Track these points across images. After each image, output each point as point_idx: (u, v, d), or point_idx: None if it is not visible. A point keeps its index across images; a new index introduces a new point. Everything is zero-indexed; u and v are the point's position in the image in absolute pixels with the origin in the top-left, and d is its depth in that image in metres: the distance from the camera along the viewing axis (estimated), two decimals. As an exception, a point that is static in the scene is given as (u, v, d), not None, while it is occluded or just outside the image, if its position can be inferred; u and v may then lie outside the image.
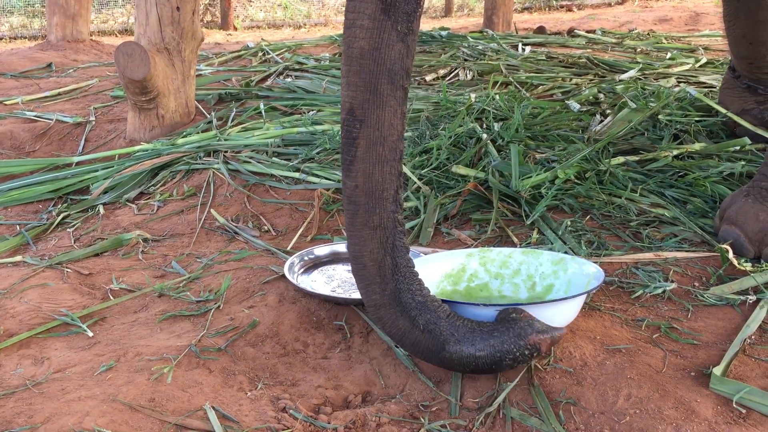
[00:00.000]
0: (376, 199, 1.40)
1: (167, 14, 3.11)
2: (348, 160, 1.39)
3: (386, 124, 1.37)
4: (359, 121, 1.36)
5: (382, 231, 1.41)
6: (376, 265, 1.42)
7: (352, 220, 1.42)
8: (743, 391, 1.38)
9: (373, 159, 1.38)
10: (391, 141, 1.38)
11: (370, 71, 1.34)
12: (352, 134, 1.37)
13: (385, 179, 1.40)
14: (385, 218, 1.41)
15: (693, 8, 7.68)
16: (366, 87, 1.35)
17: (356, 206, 1.41)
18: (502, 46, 4.64)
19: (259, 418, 1.39)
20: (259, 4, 9.12)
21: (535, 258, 1.74)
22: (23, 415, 1.38)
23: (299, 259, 1.99)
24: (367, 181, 1.39)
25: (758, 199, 1.95)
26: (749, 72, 2.74)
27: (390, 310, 1.42)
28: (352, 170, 1.39)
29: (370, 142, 1.37)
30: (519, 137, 2.59)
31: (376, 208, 1.40)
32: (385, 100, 1.36)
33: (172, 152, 2.86)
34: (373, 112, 1.36)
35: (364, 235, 1.41)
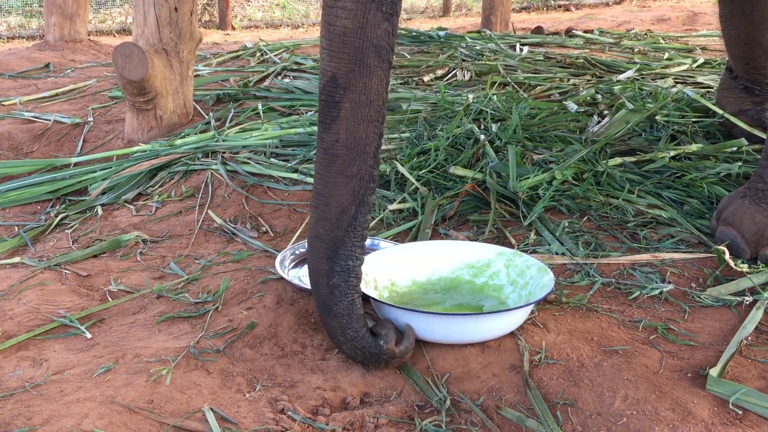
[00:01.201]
0: (357, 152, 1.44)
1: (165, 15, 3.11)
2: (329, 120, 1.44)
3: (373, 90, 1.43)
4: (342, 87, 1.41)
5: (357, 180, 1.46)
6: (339, 209, 1.46)
7: (327, 169, 1.46)
8: (740, 393, 1.39)
9: (357, 118, 1.43)
10: (377, 105, 1.45)
11: (356, 47, 1.39)
12: (334, 98, 1.42)
13: (369, 136, 1.45)
14: (363, 170, 1.46)
15: (690, 8, 7.69)
16: (350, 59, 1.40)
17: (334, 157, 1.45)
18: (500, 47, 4.64)
19: (257, 419, 1.40)
20: (257, 4, 9.11)
21: (541, 275, 1.70)
22: (22, 416, 1.38)
23: (291, 253, 2.00)
24: (350, 137, 1.43)
25: (755, 201, 1.95)
26: (746, 73, 2.74)
27: (323, 248, 1.48)
28: (333, 128, 1.44)
29: (355, 104, 1.42)
30: (517, 138, 2.60)
31: (356, 159, 1.44)
32: (372, 70, 1.41)
33: (171, 153, 2.86)
34: (359, 80, 1.41)
35: (337, 181, 1.46)
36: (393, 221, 2.24)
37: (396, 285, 1.80)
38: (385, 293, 1.76)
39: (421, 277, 1.83)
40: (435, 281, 1.82)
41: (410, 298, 1.77)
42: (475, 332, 1.56)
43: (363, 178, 1.46)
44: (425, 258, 1.84)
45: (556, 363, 1.51)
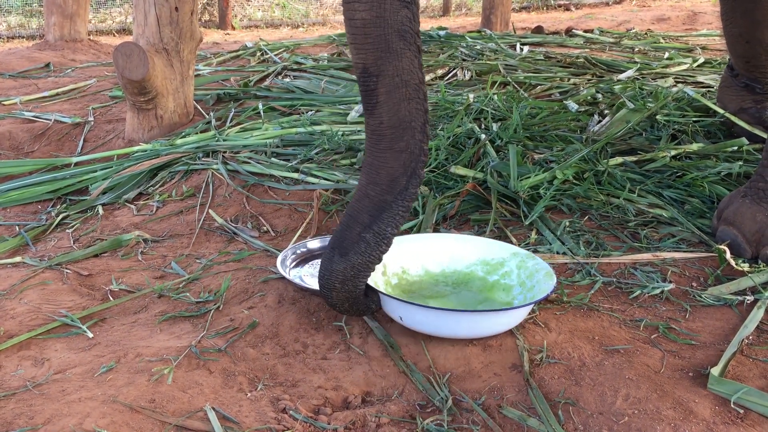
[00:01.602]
0: (403, 129, 1.48)
1: (166, 14, 3.11)
2: (370, 106, 1.48)
3: (406, 71, 1.45)
4: (375, 75, 1.44)
5: (407, 154, 1.49)
6: (389, 178, 1.50)
7: (376, 145, 1.50)
8: (741, 392, 1.39)
9: (396, 99, 1.46)
10: (414, 84, 1.47)
11: (377, 35, 1.42)
12: (369, 87, 1.46)
13: (412, 113, 1.48)
14: (412, 144, 1.49)
15: (690, 7, 7.69)
16: (375, 48, 1.43)
17: (381, 137, 1.49)
18: (501, 46, 4.64)
19: (259, 419, 1.40)
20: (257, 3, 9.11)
21: (546, 280, 1.68)
22: (24, 416, 1.38)
23: (292, 253, 2.00)
24: (393, 116, 1.47)
25: (755, 200, 1.96)
26: (747, 71, 2.75)
27: (370, 205, 1.52)
28: (375, 112, 1.47)
29: (391, 87, 1.45)
30: (517, 137, 2.60)
31: (403, 135, 1.48)
32: (401, 53, 1.44)
33: (171, 153, 2.86)
34: (390, 64, 1.44)
35: (386, 156, 1.49)
36: (394, 221, 2.24)
37: (407, 273, 1.82)
38: (393, 279, 1.79)
39: (435, 269, 1.84)
40: (448, 274, 1.83)
41: (419, 287, 1.78)
42: (456, 329, 1.58)
43: (413, 152, 1.49)
44: (442, 250, 1.86)
45: (557, 362, 1.51)
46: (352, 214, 1.55)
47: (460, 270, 1.83)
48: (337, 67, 4.05)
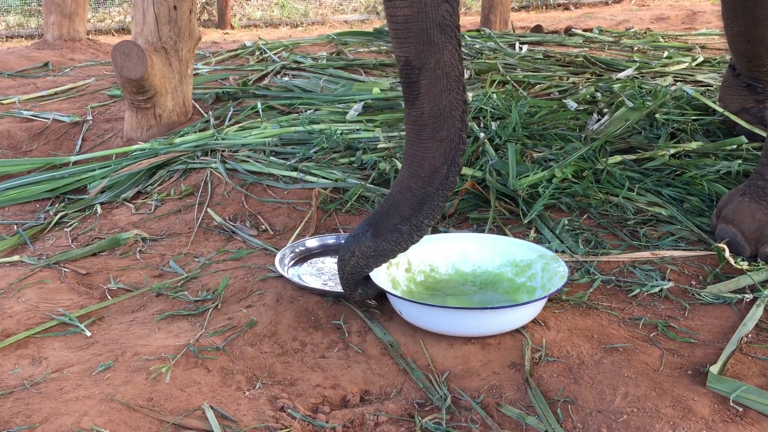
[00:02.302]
0: (444, 118, 1.51)
1: (164, 13, 3.11)
2: (411, 97, 1.51)
3: (446, 63, 1.48)
4: (417, 68, 1.48)
5: (448, 143, 1.52)
6: (432, 168, 1.53)
7: (418, 136, 1.53)
8: (740, 390, 1.39)
9: (438, 90, 1.49)
10: (454, 76, 1.50)
11: (420, 29, 1.45)
12: (412, 79, 1.49)
13: (452, 103, 1.51)
14: (452, 133, 1.52)
15: (690, 7, 7.69)
16: (418, 41, 1.47)
17: (422, 127, 1.52)
18: (500, 45, 4.64)
19: (257, 417, 1.39)
20: (256, 3, 9.10)
21: (558, 283, 1.67)
22: (21, 415, 1.38)
23: (290, 251, 2.00)
24: (435, 107, 1.50)
25: (755, 198, 1.95)
26: (748, 70, 2.74)
27: (412, 198, 1.55)
28: (416, 103, 1.51)
29: (433, 78, 1.48)
30: (516, 136, 2.60)
31: (444, 124, 1.51)
32: (442, 46, 1.47)
33: (170, 151, 2.85)
34: (432, 57, 1.47)
35: (429, 146, 1.52)
36: (393, 219, 2.23)
37: (436, 271, 1.83)
38: (419, 277, 1.81)
39: (466, 268, 1.85)
40: (479, 274, 1.83)
41: (445, 285, 1.80)
42: (461, 326, 1.59)
43: (453, 140, 1.52)
44: (473, 249, 1.86)
45: (556, 360, 1.51)
46: (393, 204, 1.58)
47: (491, 270, 1.83)
48: (336, 66, 4.05)
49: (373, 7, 8.78)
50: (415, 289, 1.77)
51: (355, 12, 8.86)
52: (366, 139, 2.79)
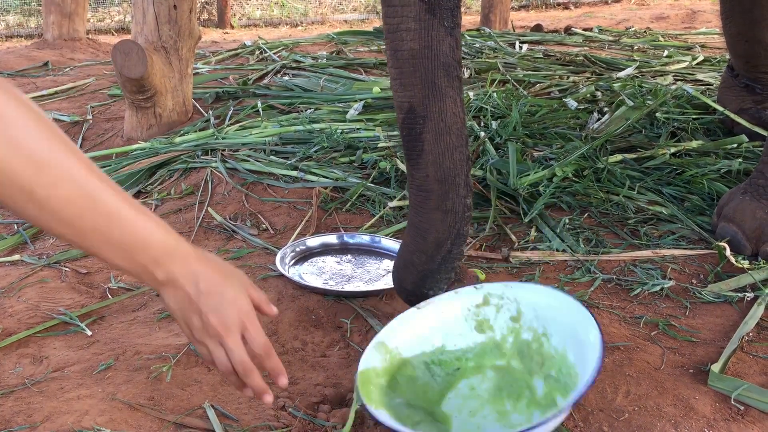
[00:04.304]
0: (449, 184, 1.41)
1: (164, 12, 3.10)
2: (415, 154, 1.40)
3: (449, 113, 1.37)
4: (421, 117, 1.37)
5: (452, 215, 1.43)
6: (435, 243, 1.44)
7: (423, 204, 1.44)
8: (741, 388, 1.39)
9: (441, 148, 1.38)
10: (456, 129, 1.39)
11: (425, 68, 1.35)
12: (416, 130, 1.38)
13: (456, 165, 1.40)
14: (457, 203, 1.42)
15: (690, 6, 7.69)
16: (423, 84, 1.35)
17: (428, 193, 1.42)
18: (500, 44, 4.64)
19: (258, 416, 1.39)
20: (256, 2, 9.10)
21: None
22: (22, 414, 1.38)
23: (291, 250, 2.00)
24: (438, 170, 1.39)
25: (755, 197, 1.95)
26: (747, 71, 2.74)
27: (414, 274, 1.49)
28: (421, 162, 1.40)
29: (436, 133, 1.38)
30: (517, 135, 2.60)
31: (449, 193, 1.41)
32: (444, 92, 1.36)
33: (170, 151, 2.85)
34: (435, 105, 1.36)
35: (434, 217, 1.43)
36: (393, 218, 2.24)
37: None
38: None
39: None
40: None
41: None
42: None
43: (458, 212, 1.43)
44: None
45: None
46: (400, 279, 1.53)
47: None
48: (336, 66, 4.04)
49: (373, 6, 8.78)
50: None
51: (355, 11, 8.86)
52: (366, 138, 2.79)
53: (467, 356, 1.40)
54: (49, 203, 0.96)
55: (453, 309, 1.44)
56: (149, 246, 1.04)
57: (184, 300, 1.09)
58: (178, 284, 1.08)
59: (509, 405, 1.32)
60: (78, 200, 0.97)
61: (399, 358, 1.35)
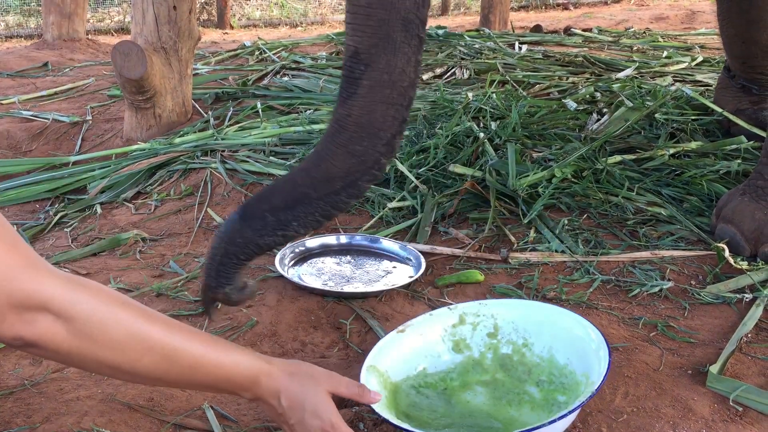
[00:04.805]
0: (368, 133, 1.30)
1: (164, 13, 3.11)
2: (346, 94, 1.31)
3: (398, 70, 1.29)
4: (364, 64, 1.28)
5: (357, 161, 1.30)
6: (325, 175, 1.31)
7: (332, 137, 1.32)
8: (740, 389, 1.39)
9: (376, 98, 1.29)
10: (401, 87, 1.30)
11: (380, 19, 1.27)
12: (354, 75, 1.29)
13: (386, 121, 1.30)
14: (369, 154, 1.30)
15: (689, 6, 7.69)
16: (375, 33, 1.28)
17: (342, 129, 1.31)
18: (499, 45, 4.64)
19: (257, 417, 1.40)
20: (256, 2, 9.10)
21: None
22: (22, 415, 1.38)
23: (290, 251, 2.00)
24: (363, 116, 1.29)
25: (754, 198, 1.95)
26: (743, 72, 2.74)
27: (287, 191, 1.34)
28: (349, 103, 1.30)
29: (376, 84, 1.29)
30: (516, 136, 2.60)
31: (364, 140, 1.30)
32: (398, 47, 1.28)
33: (170, 151, 2.86)
34: (383, 57, 1.28)
35: (337, 152, 1.31)
36: (392, 219, 2.24)
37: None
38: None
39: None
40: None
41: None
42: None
43: (365, 162, 1.31)
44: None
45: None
46: (270, 189, 1.37)
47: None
48: (336, 66, 4.04)
49: (373, 6, 8.76)
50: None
51: (355, 12, 8.84)
52: (366, 139, 2.78)
53: (451, 376, 1.42)
54: (137, 372, 1.11)
55: (433, 331, 1.47)
56: (233, 379, 1.18)
57: (273, 413, 1.23)
58: (264, 401, 1.21)
59: (514, 412, 1.33)
60: (161, 364, 1.11)
61: (390, 382, 1.37)
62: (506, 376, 1.41)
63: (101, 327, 1.05)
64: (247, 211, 1.35)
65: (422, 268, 1.90)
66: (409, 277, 1.88)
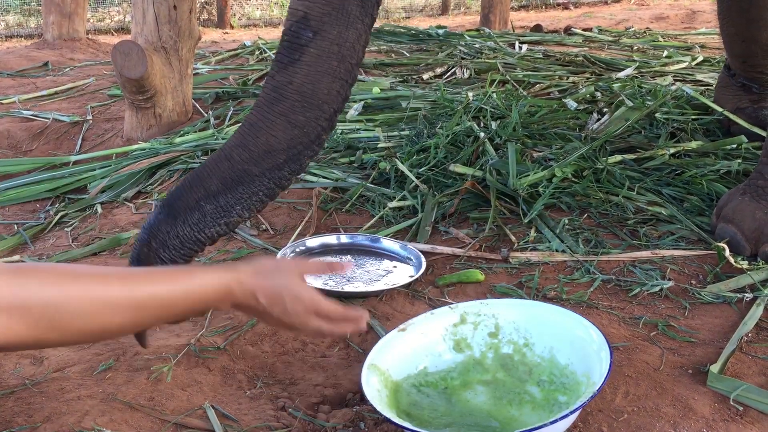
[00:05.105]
0: (311, 104, 1.24)
1: (164, 13, 3.11)
2: (286, 61, 1.26)
3: (348, 44, 1.25)
4: (312, 30, 1.23)
5: (300, 132, 1.25)
6: (265, 148, 1.25)
7: (269, 106, 1.25)
8: (740, 389, 1.39)
9: (323, 68, 1.24)
10: (349, 63, 1.26)
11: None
12: (300, 41, 1.24)
13: (331, 93, 1.25)
14: (310, 126, 1.25)
15: (689, 6, 7.69)
16: (329, 1, 1.23)
17: (281, 98, 1.25)
18: (499, 45, 4.64)
19: (258, 416, 1.40)
20: (256, 2, 9.10)
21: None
22: (23, 414, 1.38)
23: (291, 251, 2.00)
24: (307, 85, 1.24)
25: (754, 198, 1.95)
26: (743, 70, 2.74)
27: (226, 171, 1.27)
28: (290, 69, 1.24)
29: (324, 53, 1.24)
30: (516, 136, 2.60)
31: (306, 111, 1.24)
32: (351, 21, 1.24)
33: (170, 151, 2.86)
34: (335, 27, 1.24)
35: (276, 122, 1.25)
36: (393, 219, 2.24)
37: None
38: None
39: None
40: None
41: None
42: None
43: (308, 135, 1.25)
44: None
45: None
46: (200, 174, 1.27)
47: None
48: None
49: (373, 6, 8.76)
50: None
51: (355, 11, 8.84)
52: (366, 139, 2.79)
53: (451, 375, 1.43)
54: (112, 332, 1.12)
55: (434, 330, 1.47)
56: (206, 299, 1.16)
57: (254, 313, 1.22)
58: (243, 305, 1.20)
59: (514, 411, 1.33)
60: (132, 316, 1.09)
61: (391, 381, 1.37)
62: (507, 376, 1.41)
63: (59, 309, 1.02)
64: (176, 205, 1.25)
65: (423, 268, 1.90)
66: (410, 276, 1.88)
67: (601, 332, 1.36)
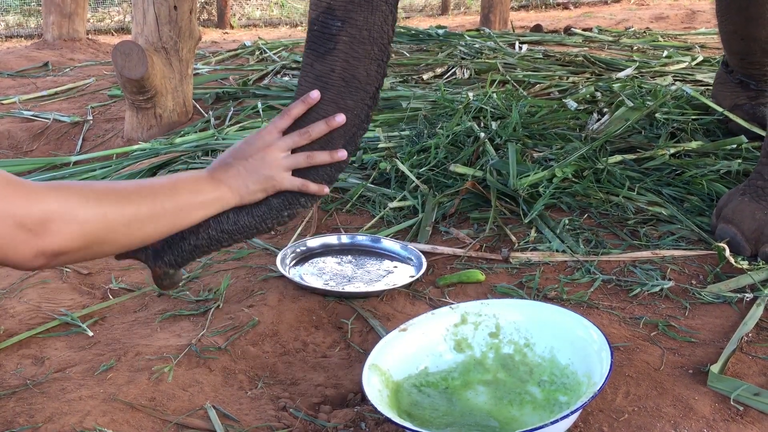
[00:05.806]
0: (356, 88, 1.31)
1: (164, 13, 3.11)
2: (322, 51, 1.30)
3: (377, 27, 1.29)
4: (340, 20, 1.28)
5: (352, 117, 1.32)
6: (327, 141, 1.33)
7: (320, 95, 1.31)
8: (740, 389, 1.39)
9: (359, 54, 1.30)
10: (381, 43, 1.31)
11: None
12: (330, 30, 1.28)
13: (371, 75, 1.32)
14: (359, 107, 1.32)
15: (689, 6, 7.70)
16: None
17: (327, 86, 1.30)
18: (499, 45, 4.64)
19: (259, 416, 1.40)
20: (256, 2, 9.10)
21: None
22: (24, 414, 1.38)
23: (292, 251, 2.01)
24: (348, 71, 1.30)
25: (754, 198, 1.96)
26: (741, 67, 2.75)
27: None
28: (328, 58, 1.29)
29: (355, 40, 1.29)
30: (516, 136, 2.60)
31: (354, 93, 1.31)
32: (375, 5, 1.28)
33: (170, 151, 2.86)
34: (360, 14, 1.28)
35: (328, 110, 1.31)
36: (393, 219, 2.24)
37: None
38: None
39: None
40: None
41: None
42: None
43: (358, 116, 1.32)
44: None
45: (557, 360, 1.51)
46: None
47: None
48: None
49: (373, 6, 8.76)
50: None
51: (355, 11, 8.84)
52: (366, 139, 2.79)
53: (452, 375, 1.43)
54: (145, 238, 1.27)
55: (435, 330, 1.48)
56: (211, 203, 1.30)
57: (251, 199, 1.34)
58: (238, 199, 1.32)
59: (515, 411, 1.33)
60: (159, 226, 1.25)
61: (392, 381, 1.38)
62: (508, 376, 1.41)
63: (103, 214, 1.14)
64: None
65: (423, 268, 1.90)
66: (410, 276, 1.89)
67: (601, 332, 1.36)
